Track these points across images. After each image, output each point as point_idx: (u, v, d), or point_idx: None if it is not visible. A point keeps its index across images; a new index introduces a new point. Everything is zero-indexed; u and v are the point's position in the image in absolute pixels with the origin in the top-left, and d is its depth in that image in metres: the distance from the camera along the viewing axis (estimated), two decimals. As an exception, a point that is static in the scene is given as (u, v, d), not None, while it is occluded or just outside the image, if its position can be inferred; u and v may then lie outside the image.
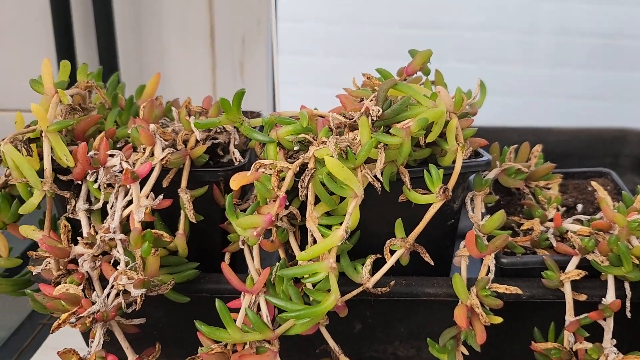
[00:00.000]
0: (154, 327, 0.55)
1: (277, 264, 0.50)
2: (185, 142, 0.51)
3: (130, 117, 0.56)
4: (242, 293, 0.49)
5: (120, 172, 0.47)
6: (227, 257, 0.53)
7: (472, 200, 0.55)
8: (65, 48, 0.95)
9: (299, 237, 0.50)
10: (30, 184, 0.47)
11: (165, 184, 0.49)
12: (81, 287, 0.48)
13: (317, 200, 0.47)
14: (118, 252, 0.46)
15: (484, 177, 0.56)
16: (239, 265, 0.55)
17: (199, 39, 1.00)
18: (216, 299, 0.45)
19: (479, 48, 1.19)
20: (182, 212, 0.50)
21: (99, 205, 0.49)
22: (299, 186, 0.45)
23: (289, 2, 1.04)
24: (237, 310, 0.49)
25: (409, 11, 1.16)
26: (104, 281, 0.49)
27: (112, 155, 0.47)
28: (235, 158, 0.53)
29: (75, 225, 0.51)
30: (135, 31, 0.99)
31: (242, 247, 0.51)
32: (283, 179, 0.46)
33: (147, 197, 0.47)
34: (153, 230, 0.45)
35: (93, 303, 0.45)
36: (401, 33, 1.17)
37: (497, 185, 0.60)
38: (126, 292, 0.47)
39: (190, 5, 0.98)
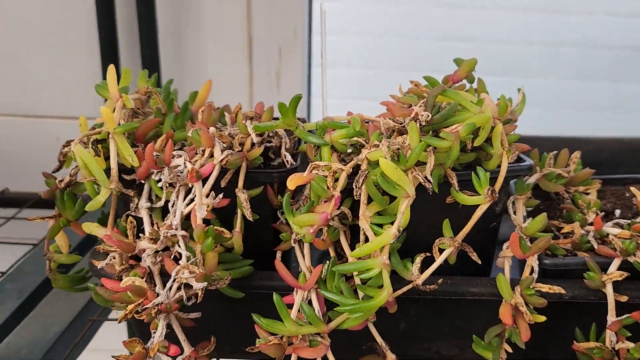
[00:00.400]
0: (205, 322, 0.57)
1: (328, 261, 0.52)
2: (241, 144, 0.53)
3: (185, 122, 0.59)
4: (295, 289, 0.51)
5: (182, 172, 0.50)
6: (278, 255, 0.55)
7: (513, 203, 0.57)
8: (109, 57, 0.98)
9: (349, 237, 0.52)
10: (98, 182, 0.50)
11: (223, 183, 0.52)
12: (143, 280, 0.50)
13: (368, 201, 0.49)
14: (180, 247, 0.49)
15: (525, 181, 0.58)
16: (285, 264, 0.58)
17: (236, 49, 1.03)
18: (274, 293, 0.48)
19: (505, 61, 1.21)
20: (238, 210, 0.52)
21: (161, 203, 0.51)
22: (354, 186, 0.48)
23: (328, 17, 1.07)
24: (288, 306, 0.51)
25: (437, 25, 1.18)
26: (164, 276, 0.52)
27: (176, 156, 0.49)
28: (287, 161, 0.55)
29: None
30: (175, 41, 1.03)
31: (294, 245, 0.53)
32: (336, 179, 0.49)
33: (207, 196, 0.49)
34: (215, 227, 0.48)
35: (157, 295, 0.48)
36: (429, 46, 1.20)
37: (535, 190, 0.62)
38: (186, 287, 0.49)
39: (229, 16, 1.01)
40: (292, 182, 0.48)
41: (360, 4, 1.15)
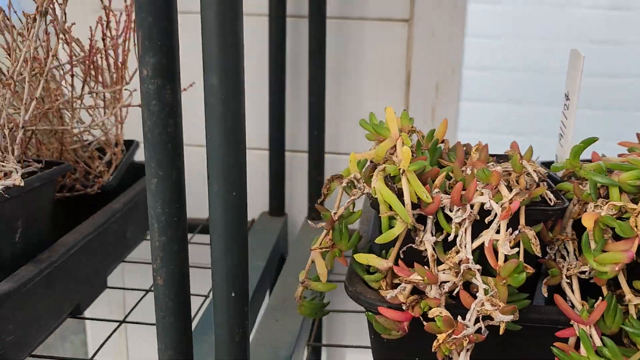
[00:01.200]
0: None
1: (601, 298, 0.54)
2: (516, 182, 0.56)
3: (435, 158, 0.62)
4: (575, 323, 0.53)
5: (482, 209, 0.53)
6: (544, 289, 0.57)
7: None
8: (277, 92, 1.03)
9: (625, 273, 0.54)
10: (397, 217, 0.53)
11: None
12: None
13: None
14: (477, 280, 0.51)
15: None
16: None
17: (395, 85, 1.07)
18: (580, 329, 0.50)
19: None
20: (521, 246, 0.54)
21: (450, 237, 0.54)
22: (657, 227, 0.50)
23: (474, 52, 1.11)
24: (564, 340, 0.53)
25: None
26: (447, 307, 0.54)
27: (477, 194, 0.52)
28: (549, 198, 0.58)
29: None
30: (336, 75, 1.07)
31: (566, 280, 0.55)
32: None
33: (501, 232, 0.52)
34: (522, 263, 0.50)
35: (465, 327, 0.50)
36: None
37: None
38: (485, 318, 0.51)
39: (389, 53, 1.05)
40: (589, 220, 0.50)
41: (505, 40, 1.18)
